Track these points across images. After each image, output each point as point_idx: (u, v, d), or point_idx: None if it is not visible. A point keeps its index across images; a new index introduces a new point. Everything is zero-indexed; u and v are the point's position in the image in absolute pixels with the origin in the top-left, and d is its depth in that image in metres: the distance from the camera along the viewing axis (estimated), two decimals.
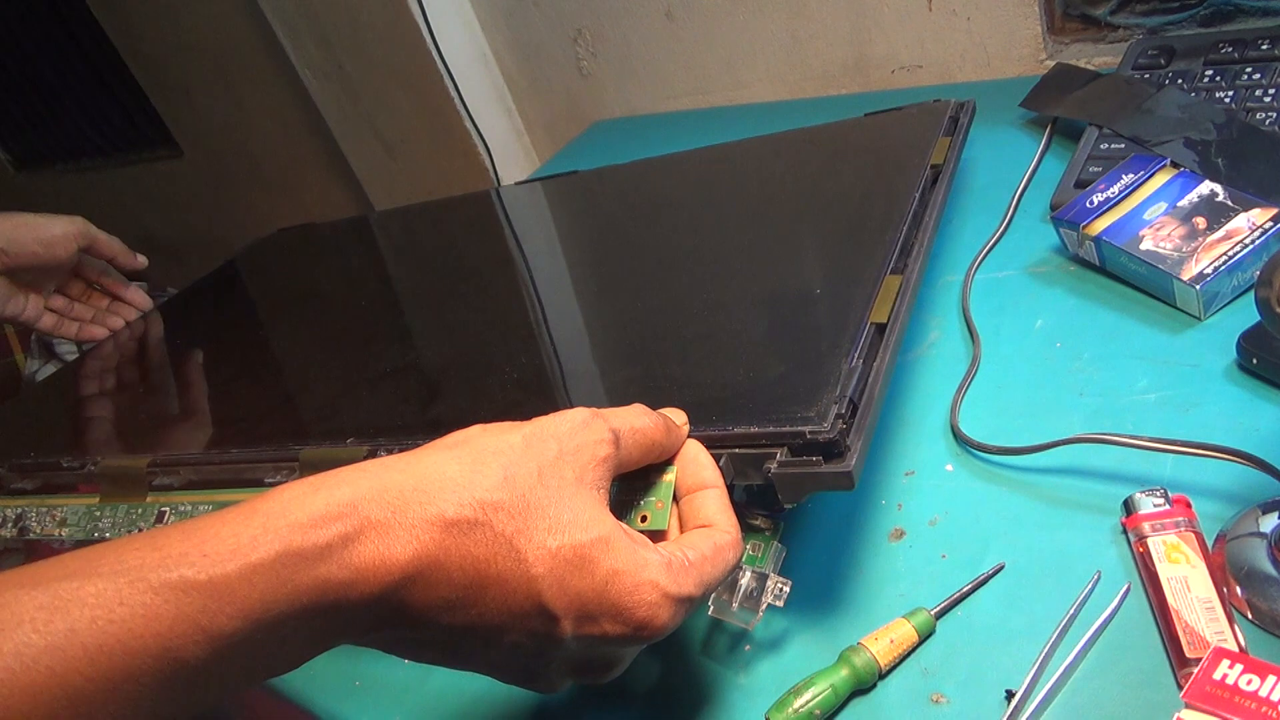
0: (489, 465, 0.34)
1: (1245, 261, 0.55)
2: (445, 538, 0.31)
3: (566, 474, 0.35)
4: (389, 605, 0.31)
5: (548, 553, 0.33)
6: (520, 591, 0.33)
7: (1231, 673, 0.37)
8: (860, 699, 0.44)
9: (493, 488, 0.33)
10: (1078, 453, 0.49)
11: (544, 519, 0.33)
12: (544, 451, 0.35)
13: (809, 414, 0.42)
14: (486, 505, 0.32)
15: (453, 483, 0.33)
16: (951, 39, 0.94)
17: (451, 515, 0.32)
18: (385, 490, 0.32)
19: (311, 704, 0.55)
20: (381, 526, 0.31)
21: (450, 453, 0.34)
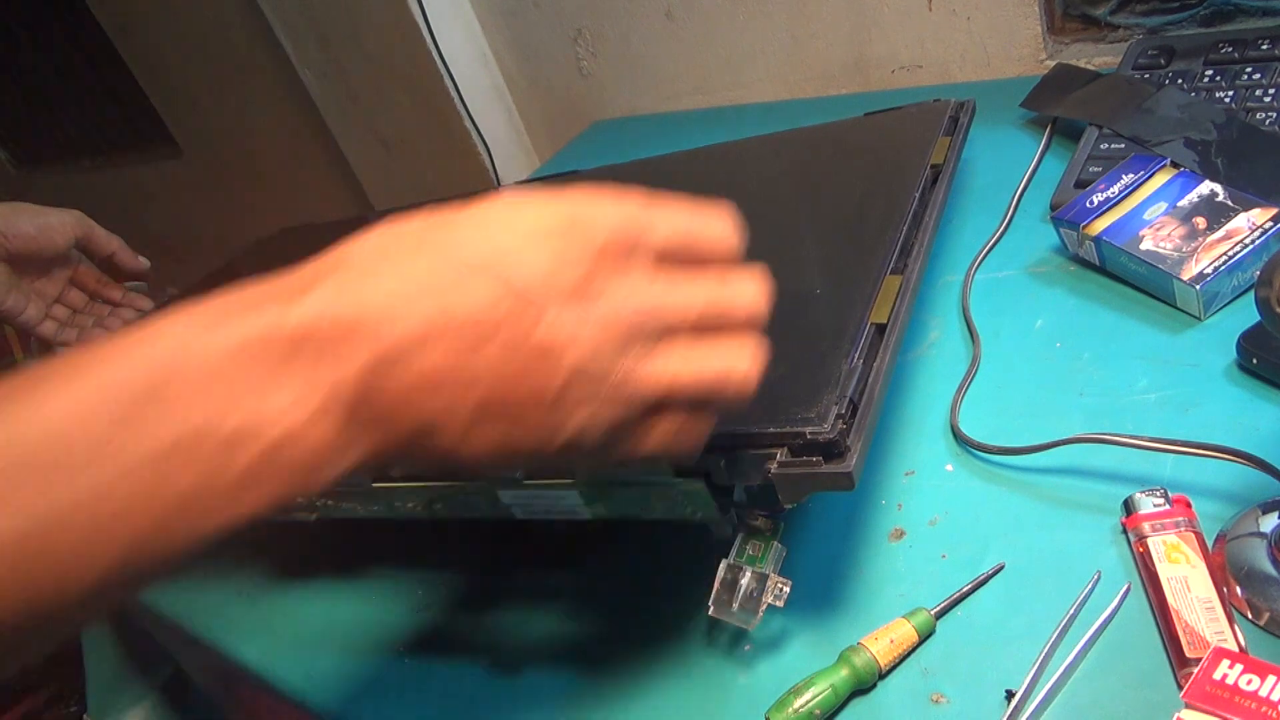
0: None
1: (1245, 261, 0.55)
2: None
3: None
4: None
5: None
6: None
7: (1231, 673, 0.37)
8: (860, 699, 0.44)
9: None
10: (1078, 453, 0.49)
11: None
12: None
13: (809, 414, 0.42)
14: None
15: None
16: (951, 39, 0.94)
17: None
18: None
19: (311, 704, 0.55)
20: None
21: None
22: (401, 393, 0.30)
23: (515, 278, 0.30)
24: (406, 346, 0.30)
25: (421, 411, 0.30)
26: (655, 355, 0.33)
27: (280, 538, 0.67)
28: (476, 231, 0.32)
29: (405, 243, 0.32)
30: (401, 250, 0.32)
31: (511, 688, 0.51)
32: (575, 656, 0.51)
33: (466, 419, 0.31)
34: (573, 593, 0.55)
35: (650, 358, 0.32)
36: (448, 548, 0.61)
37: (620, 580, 0.54)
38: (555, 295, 0.30)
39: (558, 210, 0.32)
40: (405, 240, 0.32)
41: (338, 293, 0.30)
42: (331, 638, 0.58)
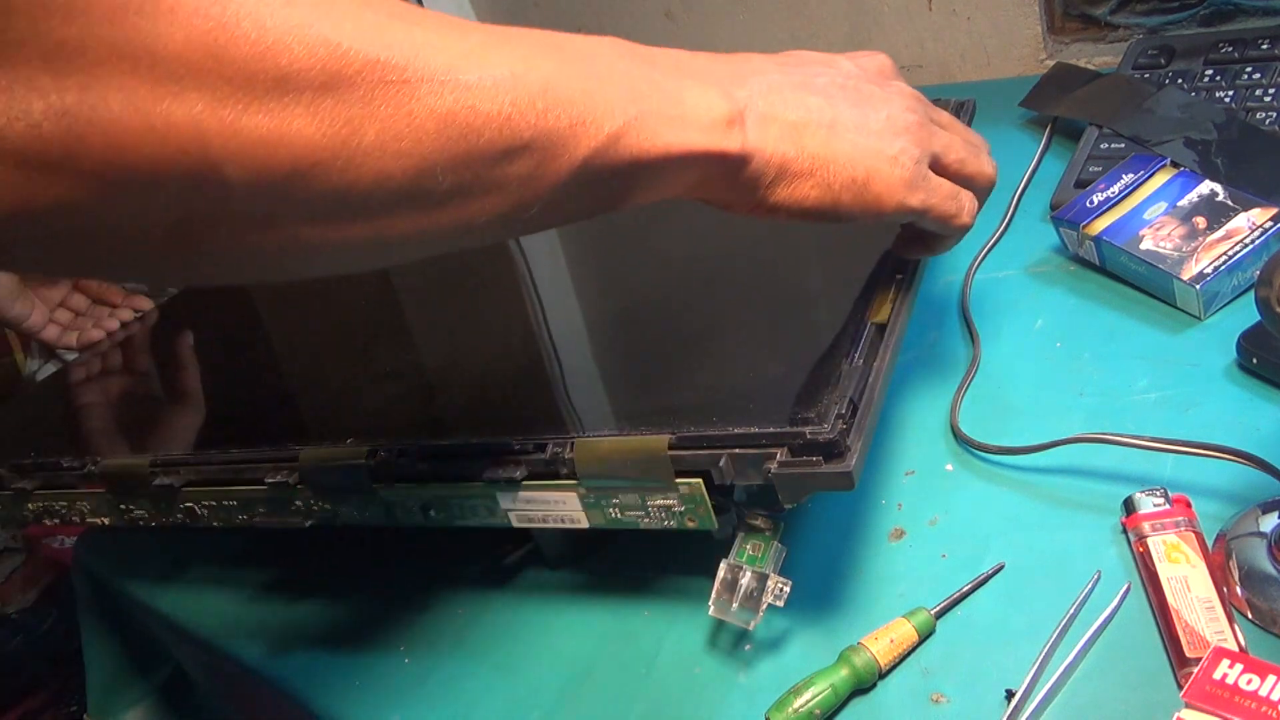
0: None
1: (1245, 261, 0.55)
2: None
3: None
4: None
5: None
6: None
7: (1231, 672, 0.37)
8: (860, 699, 0.44)
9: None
10: (1078, 453, 0.49)
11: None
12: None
13: (809, 415, 0.42)
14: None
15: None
16: (951, 39, 0.94)
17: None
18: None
19: (311, 704, 0.55)
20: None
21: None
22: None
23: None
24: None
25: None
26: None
27: (280, 538, 0.67)
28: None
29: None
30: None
31: (511, 688, 0.51)
32: (575, 655, 0.51)
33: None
34: (573, 592, 0.55)
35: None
36: (448, 548, 0.61)
37: (620, 579, 0.54)
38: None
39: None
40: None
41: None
42: (331, 638, 0.58)
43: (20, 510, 0.64)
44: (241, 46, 0.26)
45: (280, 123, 0.26)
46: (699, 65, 0.39)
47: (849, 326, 0.48)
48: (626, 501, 0.45)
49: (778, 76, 0.40)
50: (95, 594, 0.80)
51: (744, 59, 0.41)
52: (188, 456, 0.57)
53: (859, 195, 0.41)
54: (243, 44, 0.26)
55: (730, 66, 0.40)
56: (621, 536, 0.56)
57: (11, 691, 1.47)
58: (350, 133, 0.28)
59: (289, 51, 0.26)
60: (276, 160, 0.27)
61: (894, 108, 0.43)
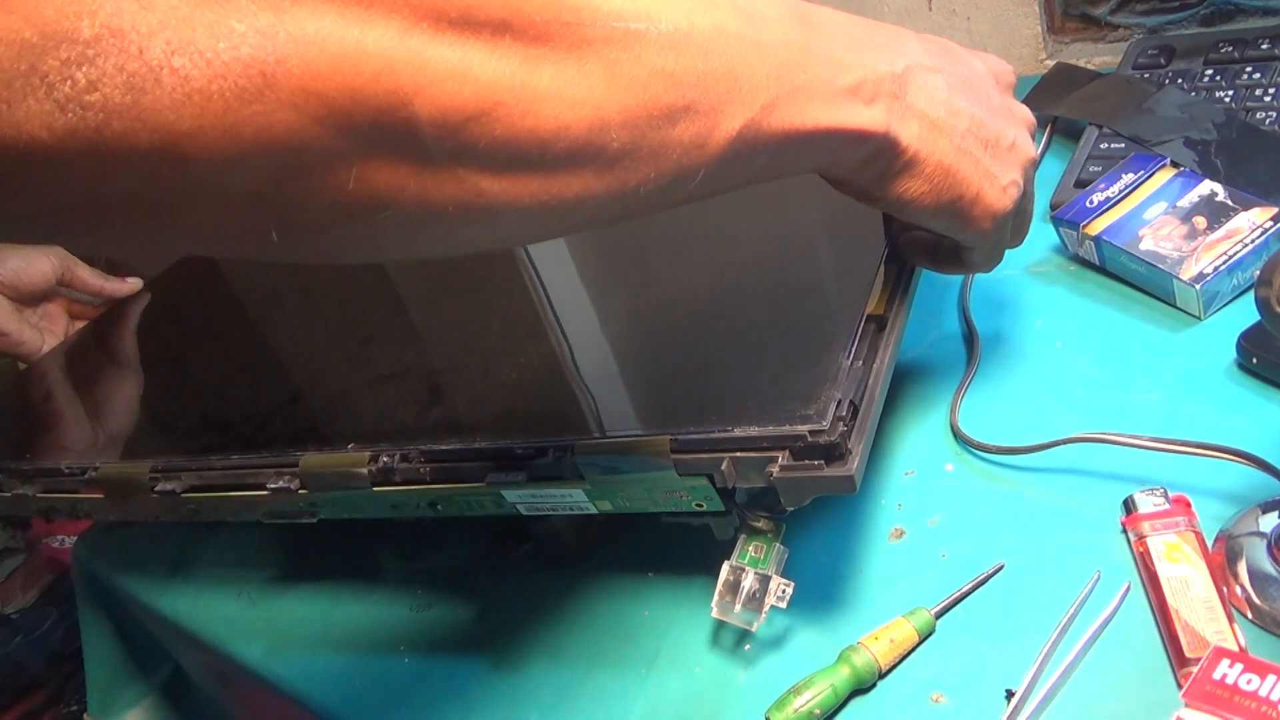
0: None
1: (1245, 261, 0.55)
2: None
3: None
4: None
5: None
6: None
7: (1231, 672, 0.37)
8: (860, 698, 0.44)
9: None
10: (1078, 452, 0.49)
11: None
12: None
13: (808, 411, 0.42)
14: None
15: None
16: (951, 38, 0.93)
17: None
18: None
19: (311, 704, 0.55)
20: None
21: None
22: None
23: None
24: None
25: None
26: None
27: (280, 538, 0.67)
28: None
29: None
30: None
31: (511, 688, 0.51)
32: (576, 655, 0.51)
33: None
34: (574, 593, 0.55)
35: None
36: (448, 548, 0.61)
37: (621, 580, 0.54)
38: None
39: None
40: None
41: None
42: (331, 638, 0.58)
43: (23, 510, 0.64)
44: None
45: (464, 55, 0.27)
46: (855, 33, 0.38)
47: (846, 321, 0.47)
48: (633, 493, 0.45)
49: (927, 62, 0.40)
50: (95, 594, 0.80)
51: (895, 32, 0.41)
52: (189, 462, 0.57)
53: (959, 209, 0.42)
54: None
55: (884, 38, 0.39)
56: (621, 537, 0.56)
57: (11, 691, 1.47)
58: (527, 73, 0.28)
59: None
60: (462, 97, 0.27)
61: (1022, 136, 0.44)
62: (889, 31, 0.40)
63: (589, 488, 0.46)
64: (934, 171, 0.40)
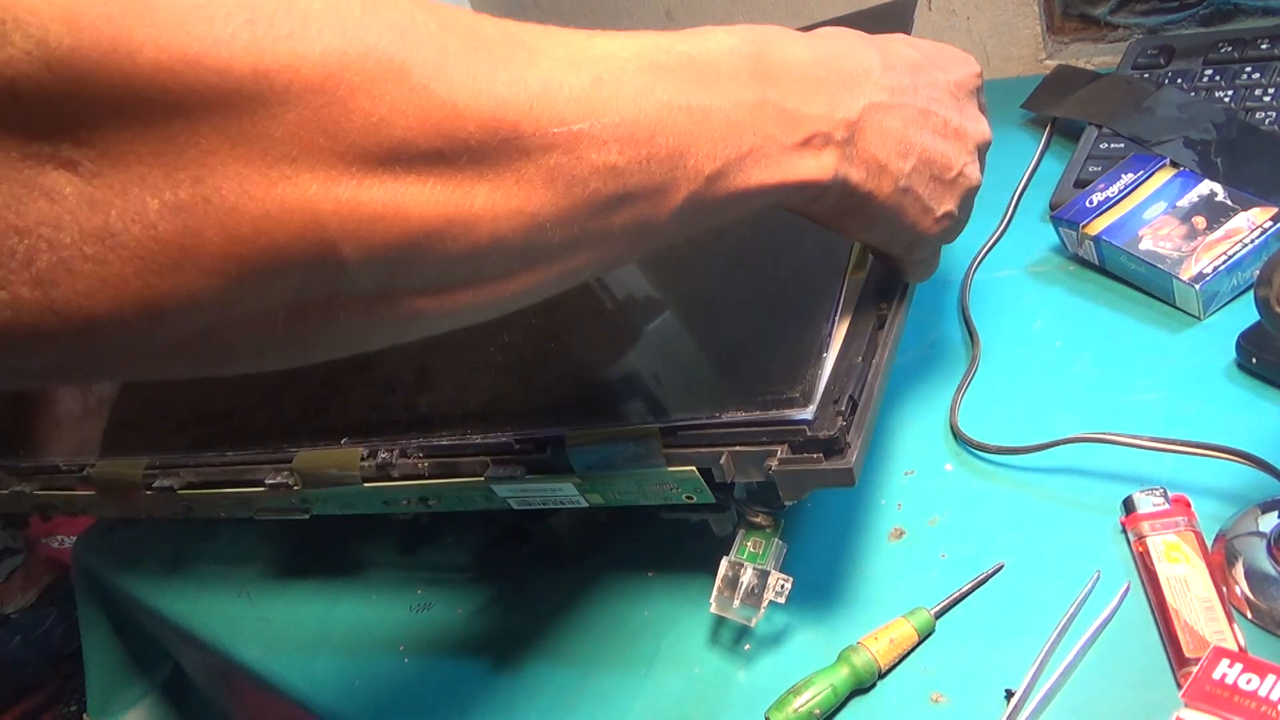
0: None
1: (1245, 261, 0.55)
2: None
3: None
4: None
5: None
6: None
7: (1231, 672, 0.37)
8: (860, 698, 0.44)
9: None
10: (1077, 452, 0.49)
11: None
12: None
13: (794, 393, 0.42)
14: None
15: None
16: (951, 39, 0.94)
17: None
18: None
19: (311, 704, 0.55)
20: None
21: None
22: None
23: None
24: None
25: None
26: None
27: (280, 538, 0.67)
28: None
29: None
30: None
31: (511, 688, 0.51)
32: (575, 655, 0.51)
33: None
34: (573, 591, 0.55)
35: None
36: (447, 547, 0.61)
37: (620, 579, 0.54)
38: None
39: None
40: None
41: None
42: (331, 638, 0.58)
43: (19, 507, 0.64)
44: (355, 119, 0.24)
45: (394, 194, 0.25)
46: (815, 75, 0.37)
47: (827, 289, 0.47)
48: (623, 486, 0.45)
49: (886, 100, 0.39)
50: (95, 594, 0.80)
51: (859, 60, 0.39)
52: (184, 459, 0.57)
53: (893, 237, 0.43)
54: (357, 117, 0.24)
55: (845, 74, 0.38)
56: (620, 538, 0.56)
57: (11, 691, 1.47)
58: (461, 198, 0.26)
59: (403, 121, 0.25)
60: (393, 234, 0.25)
61: (969, 165, 0.44)
62: (853, 61, 0.39)
63: (579, 481, 0.46)
64: (875, 209, 0.40)
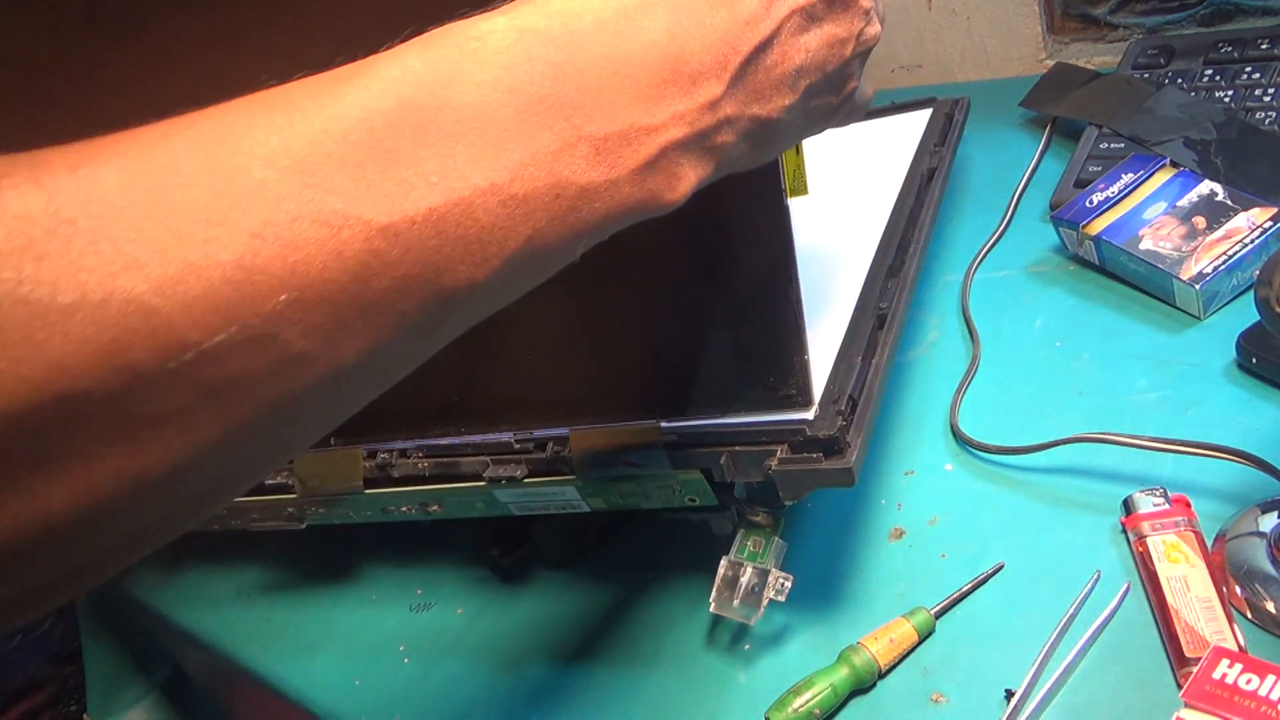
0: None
1: (1245, 261, 0.55)
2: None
3: None
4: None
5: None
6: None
7: (1231, 672, 0.37)
8: (860, 698, 0.44)
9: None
10: (1077, 452, 0.49)
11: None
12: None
13: (785, 383, 0.42)
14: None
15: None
16: (951, 38, 0.94)
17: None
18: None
19: (311, 704, 0.55)
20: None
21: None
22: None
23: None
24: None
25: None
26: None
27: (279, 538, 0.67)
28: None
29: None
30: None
31: (511, 687, 0.51)
32: (575, 655, 0.51)
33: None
34: (573, 591, 0.55)
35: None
36: (447, 547, 0.61)
37: (620, 579, 0.54)
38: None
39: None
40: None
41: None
42: (331, 638, 0.58)
43: None
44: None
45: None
46: (657, 71, 0.29)
47: (783, 249, 0.42)
48: (625, 488, 0.45)
49: (771, 53, 0.32)
50: (95, 594, 0.80)
51: (728, 17, 0.31)
52: None
53: (805, 135, 0.38)
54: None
55: (705, 50, 0.30)
56: (620, 538, 0.56)
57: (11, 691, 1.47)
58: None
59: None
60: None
61: (864, 31, 0.39)
62: (717, 31, 0.31)
63: (581, 484, 0.46)
64: (778, 145, 0.35)
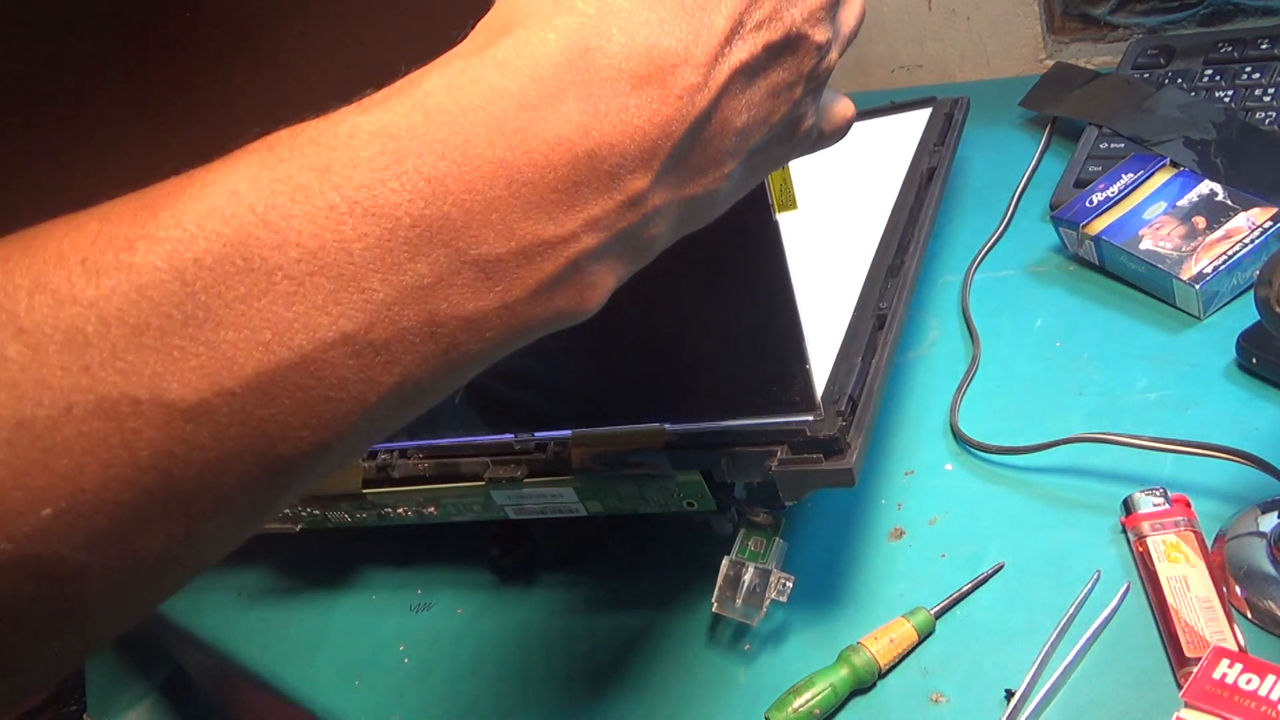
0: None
1: (1245, 261, 0.55)
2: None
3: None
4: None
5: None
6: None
7: (1231, 672, 0.37)
8: (860, 698, 0.44)
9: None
10: (1077, 452, 0.49)
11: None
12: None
13: (783, 385, 0.41)
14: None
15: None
16: (951, 38, 0.94)
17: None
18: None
19: (311, 704, 0.55)
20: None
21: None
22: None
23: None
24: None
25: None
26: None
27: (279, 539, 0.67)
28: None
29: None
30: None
31: (511, 688, 0.51)
32: (576, 655, 0.51)
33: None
34: (573, 591, 0.55)
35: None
36: (447, 548, 0.61)
37: (620, 579, 0.54)
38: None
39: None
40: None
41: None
42: (331, 638, 0.58)
43: None
44: None
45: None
46: (551, 183, 0.24)
47: (772, 249, 0.40)
48: (624, 490, 0.45)
49: (710, 125, 0.26)
50: None
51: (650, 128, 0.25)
52: None
53: (761, 175, 0.32)
54: None
55: (620, 154, 0.25)
56: (620, 537, 0.56)
57: None
58: None
59: None
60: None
61: (822, 55, 0.30)
62: (644, 115, 0.25)
63: (579, 486, 0.46)
64: (723, 201, 0.29)
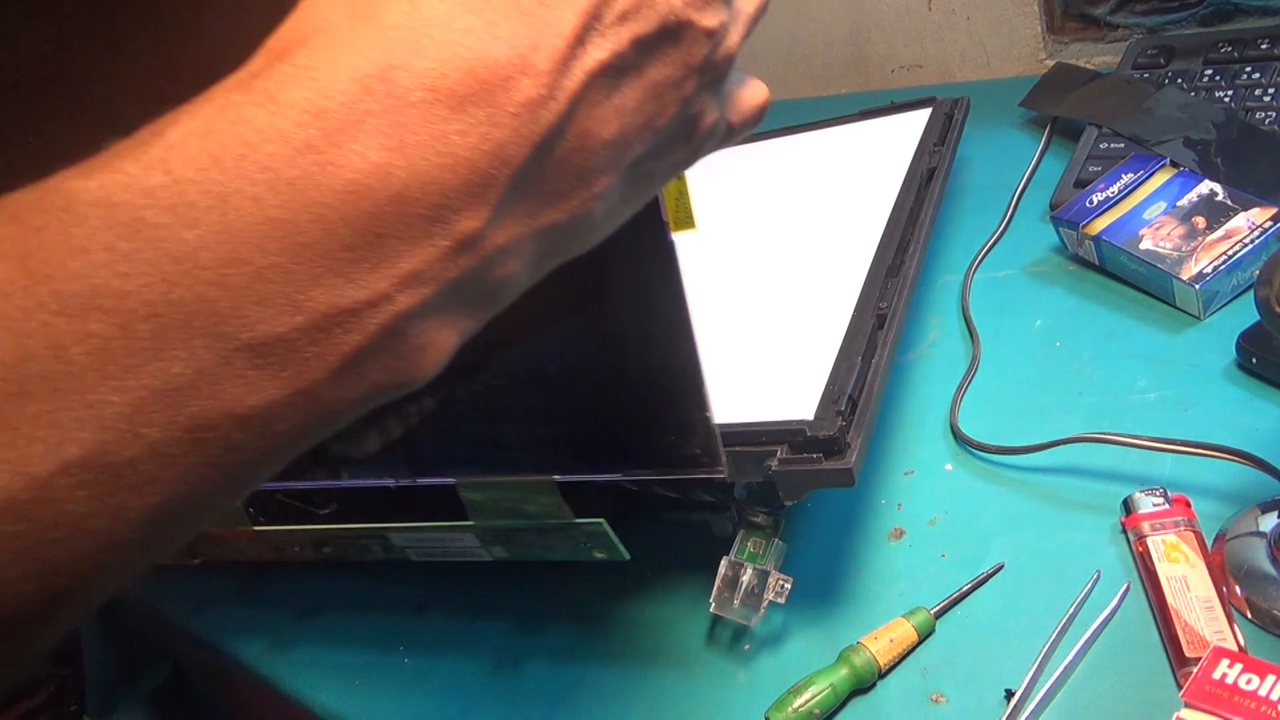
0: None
1: (1245, 261, 0.55)
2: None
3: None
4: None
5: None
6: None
7: (1231, 672, 0.37)
8: (860, 698, 0.44)
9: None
10: (1077, 452, 0.49)
11: None
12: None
13: (681, 436, 0.39)
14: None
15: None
16: (951, 38, 0.94)
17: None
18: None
19: (311, 704, 0.55)
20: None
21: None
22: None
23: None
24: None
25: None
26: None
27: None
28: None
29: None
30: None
31: (511, 687, 0.51)
32: (575, 655, 0.51)
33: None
34: (572, 592, 0.55)
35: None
36: None
37: (620, 579, 0.54)
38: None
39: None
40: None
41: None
42: (331, 638, 0.58)
43: None
44: None
45: None
46: (364, 229, 0.20)
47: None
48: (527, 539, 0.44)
49: (564, 141, 0.23)
50: None
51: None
52: None
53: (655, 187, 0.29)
54: None
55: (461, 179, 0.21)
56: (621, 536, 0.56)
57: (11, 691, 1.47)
58: None
59: None
60: None
61: (713, 53, 0.26)
62: (469, 142, 0.21)
63: (479, 531, 0.44)
64: (584, 245, 0.26)
